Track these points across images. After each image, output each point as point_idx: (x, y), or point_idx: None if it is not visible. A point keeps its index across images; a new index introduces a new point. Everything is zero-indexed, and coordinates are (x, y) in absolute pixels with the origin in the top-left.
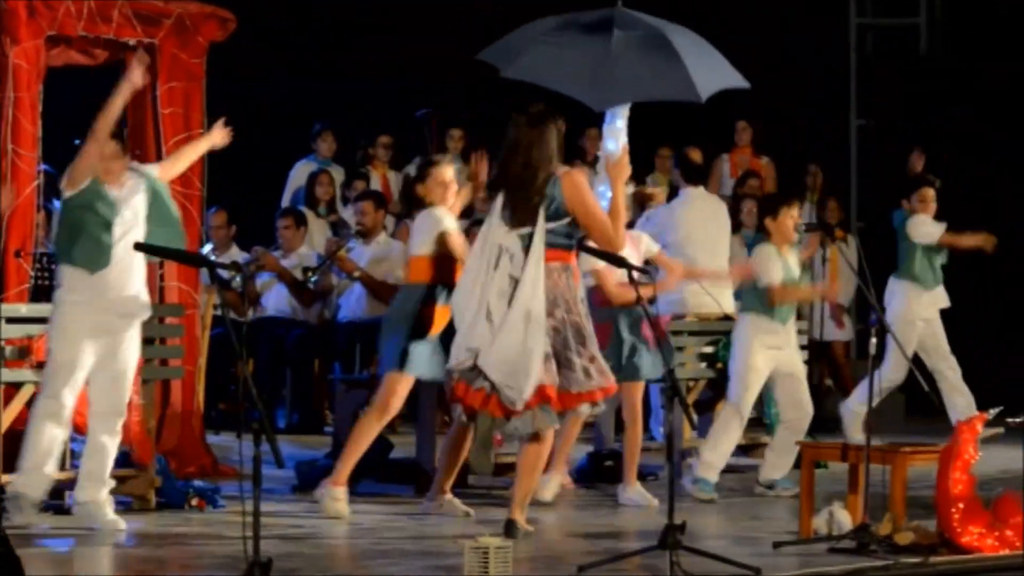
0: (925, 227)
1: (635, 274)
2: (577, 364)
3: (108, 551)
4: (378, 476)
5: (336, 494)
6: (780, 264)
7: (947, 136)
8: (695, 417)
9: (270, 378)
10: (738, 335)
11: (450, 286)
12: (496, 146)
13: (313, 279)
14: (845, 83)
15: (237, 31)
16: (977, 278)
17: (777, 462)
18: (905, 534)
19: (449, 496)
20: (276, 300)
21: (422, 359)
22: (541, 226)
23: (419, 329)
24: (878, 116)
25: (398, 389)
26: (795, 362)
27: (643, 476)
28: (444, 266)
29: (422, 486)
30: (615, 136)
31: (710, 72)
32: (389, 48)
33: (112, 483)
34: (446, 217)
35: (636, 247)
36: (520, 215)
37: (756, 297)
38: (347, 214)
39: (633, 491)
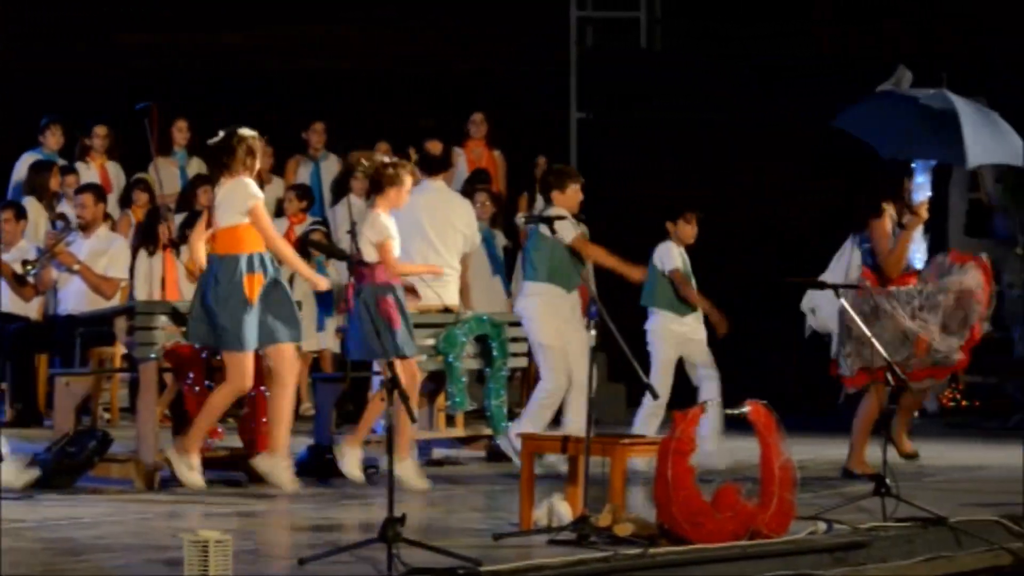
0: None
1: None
2: None
3: None
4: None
5: (190, 463)
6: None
7: (666, 129)
8: (415, 410)
9: None
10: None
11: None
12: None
13: (32, 272)
14: (566, 76)
15: None
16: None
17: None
18: (625, 525)
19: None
20: None
21: (252, 332)
22: None
23: (244, 301)
24: (598, 109)
25: (245, 367)
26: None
27: (363, 469)
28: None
29: (145, 479)
30: (918, 190)
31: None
32: (113, 40)
33: None
34: (252, 186)
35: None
36: None
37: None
38: (63, 208)
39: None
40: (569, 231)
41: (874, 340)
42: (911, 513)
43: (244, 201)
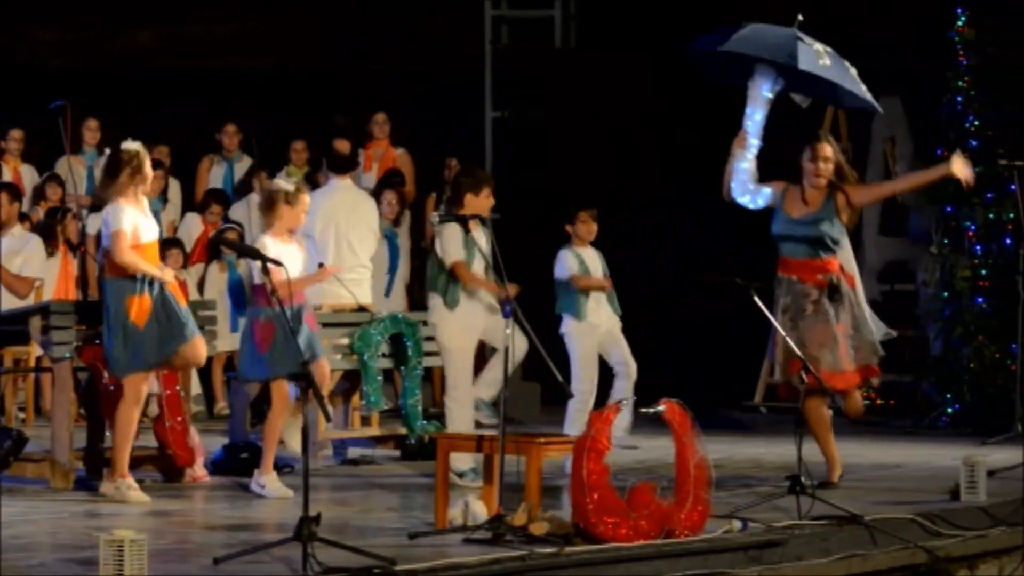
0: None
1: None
2: None
3: None
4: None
5: (130, 484)
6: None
7: (582, 128)
8: (330, 409)
9: None
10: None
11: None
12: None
13: None
14: (480, 75)
15: None
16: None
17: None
18: (540, 524)
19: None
20: None
21: (139, 354)
22: None
23: (128, 323)
24: (513, 108)
25: (139, 385)
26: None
27: (279, 468)
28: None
29: (61, 478)
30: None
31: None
32: (25, 36)
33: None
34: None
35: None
36: None
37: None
38: None
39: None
40: (451, 254)
41: (787, 338)
42: (826, 512)
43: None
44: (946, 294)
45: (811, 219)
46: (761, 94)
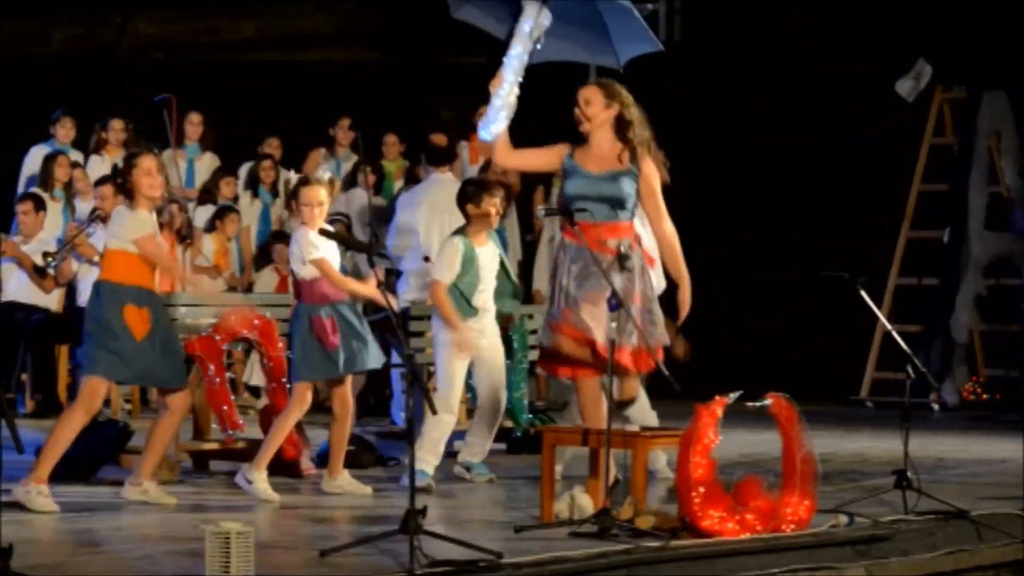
0: None
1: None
2: None
3: None
4: (117, 460)
5: (42, 490)
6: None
7: (684, 120)
8: (436, 402)
9: (9, 363)
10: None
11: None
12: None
13: (53, 264)
14: (584, 68)
15: None
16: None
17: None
18: (646, 518)
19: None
20: (16, 285)
21: (117, 364)
22: None
23: (123, 333)
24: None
25: (99, 391)
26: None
27: (384, 462)
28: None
29: (166, 470)
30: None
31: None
32: (125, 29)
33: None
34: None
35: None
36: None
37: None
38: (77, 203)
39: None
40: (437, 271)
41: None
42: (933, 507)
43: (131, 231)
44: None
45: (612, 175)
46: (522, 28)
